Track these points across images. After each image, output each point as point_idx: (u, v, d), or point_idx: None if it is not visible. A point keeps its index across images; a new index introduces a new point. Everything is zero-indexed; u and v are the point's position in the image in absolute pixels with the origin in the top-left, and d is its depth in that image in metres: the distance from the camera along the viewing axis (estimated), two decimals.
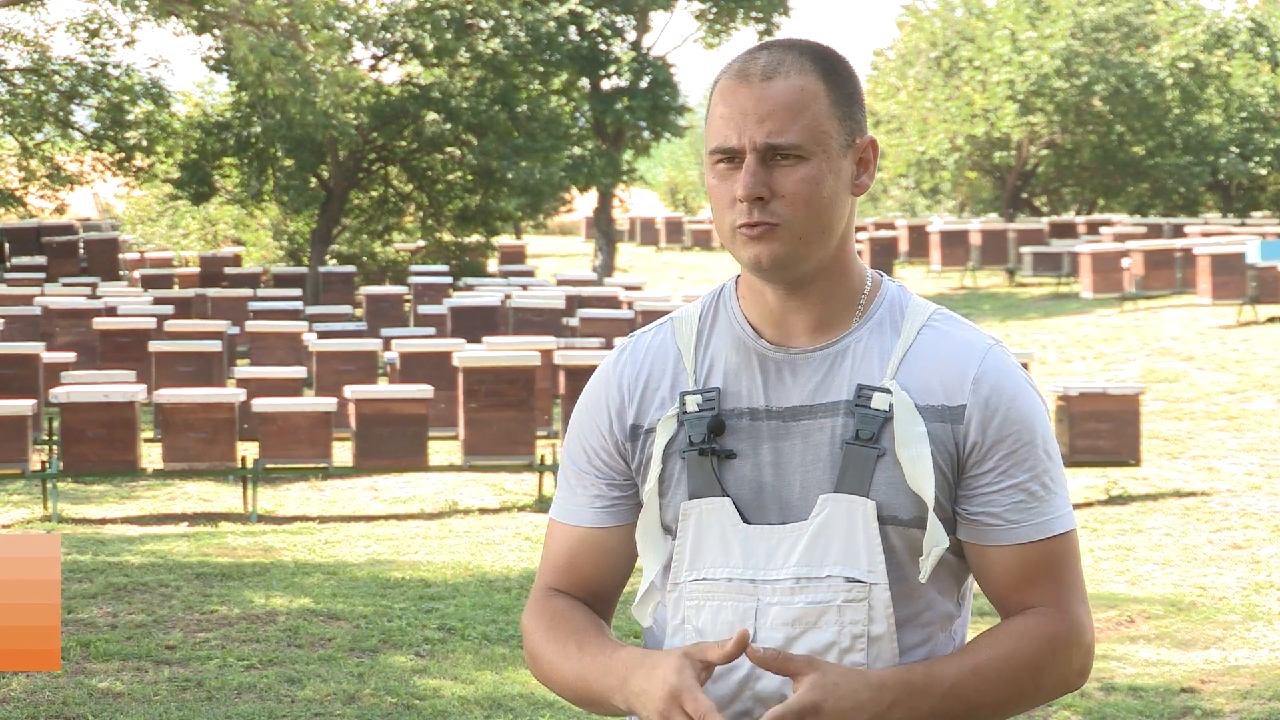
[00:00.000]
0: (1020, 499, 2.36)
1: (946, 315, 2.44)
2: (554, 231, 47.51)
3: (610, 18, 31.81)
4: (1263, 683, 7.67)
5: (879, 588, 2.34)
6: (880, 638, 2.34)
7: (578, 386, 12.92)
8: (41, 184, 26.65)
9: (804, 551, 2.35)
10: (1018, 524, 2.36)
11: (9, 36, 25.05)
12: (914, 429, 2.33)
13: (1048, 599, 2.38)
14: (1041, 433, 2.38)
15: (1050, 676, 2.38)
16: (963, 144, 36.57)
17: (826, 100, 2.34)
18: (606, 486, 2.48)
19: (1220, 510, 12.22)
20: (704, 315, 2.47)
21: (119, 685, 7.24)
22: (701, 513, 2.39)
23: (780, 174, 2.33)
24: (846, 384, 2.37)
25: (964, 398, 2.35)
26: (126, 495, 13.03)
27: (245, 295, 20.66)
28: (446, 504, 12.70)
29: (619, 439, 2.46)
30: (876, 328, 2.40)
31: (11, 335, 16.85)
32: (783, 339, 2.41)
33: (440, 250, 28.13)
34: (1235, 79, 37.39)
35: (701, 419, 2.39)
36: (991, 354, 2.38)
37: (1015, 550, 2.37)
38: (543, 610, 2.50)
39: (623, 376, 2.47)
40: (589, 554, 2.50)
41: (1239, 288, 21.92)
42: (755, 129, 2.32)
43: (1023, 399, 2.37)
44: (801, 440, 2.37)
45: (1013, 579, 2.38)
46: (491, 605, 8.96)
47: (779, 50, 2.37)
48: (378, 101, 26.15)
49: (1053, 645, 2.37)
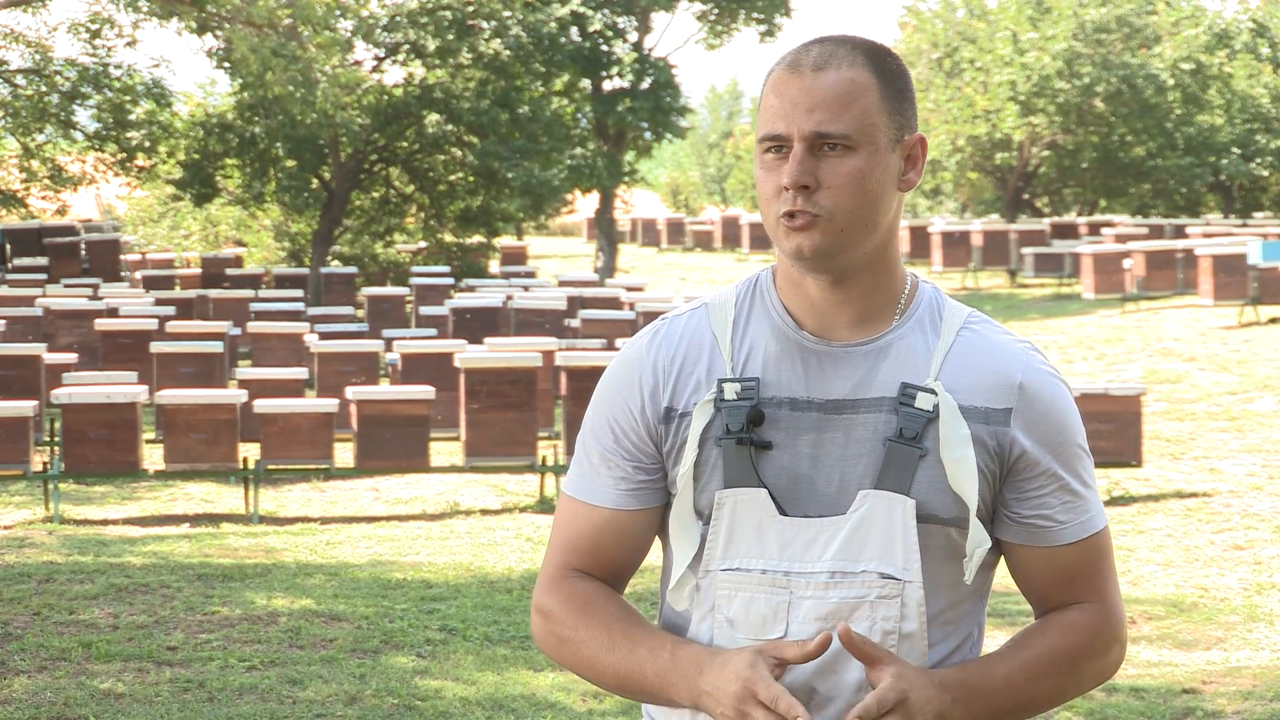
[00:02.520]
0: (1068, 499, 2.41)
1: (981, 318, 2.46)
2: (555, 233, 47.52)
3: (612, 19, 31.81)
4: (1264, 683, 7.67)
5: (913, 585, 2.35)
6: (911, 635, 2.36)
7: (579, 387, 12.92)
8: (43, 185, 26.65)
9: (841, 546, 2.35)
10: (1067, 524, 2.41)
11: (10, 37, 25.05)
12: (959, 431, 2.35)
13: (1089, 594, 2.44)
14: (1080, 431, 2.44)
15: (1093, 669, 2.44)
16: (964, 145, 36.56)
17: (877, 94, 2.35)
18: (633, 469, 2.45)
19: (1222, 511, 12.21)
20: (740, 302, 2.46)
21: (120, 686, 7.24)
22: (737, 502, 2.38)
23: (827, 165, 2.33)
24: (891, 381, 2.37)
25: (1009, 401, 2.38)
26: (128, 496, 13.03)
27: (247, 296, 20.66)
28: (448, 505, 12.70)
29: (651, 421, 2.44)
30: (918, 326, 2.41)
31: (13, 336, 16.85)
32: (824, 331, 2.40)
33: (442, 251, 28.14)
34: (1237, 80, 37.38)
35: (740, 408, 2.38)
36: (1032, 358, 2.42)
37: (1062, 550, 2.42)
38: (570, 593, 2.47)
39: (658, 358, 2.45)
40: (613, 536, 2.48)
41: (1240, 288, 21.91)
42: (804, 118, 2.32)
43: (1063, 401, 2.42)
44: (844, 434, 2.37)
45: (1059, 577, 2.43)
46: (493, 606, 8.96)
47: (832, 44, 2.37)
48: (379, 102, 26.15)
49: (1094, 640, 2.43)
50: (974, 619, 2.46)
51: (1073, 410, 2.43)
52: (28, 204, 27.05)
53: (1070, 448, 2.41)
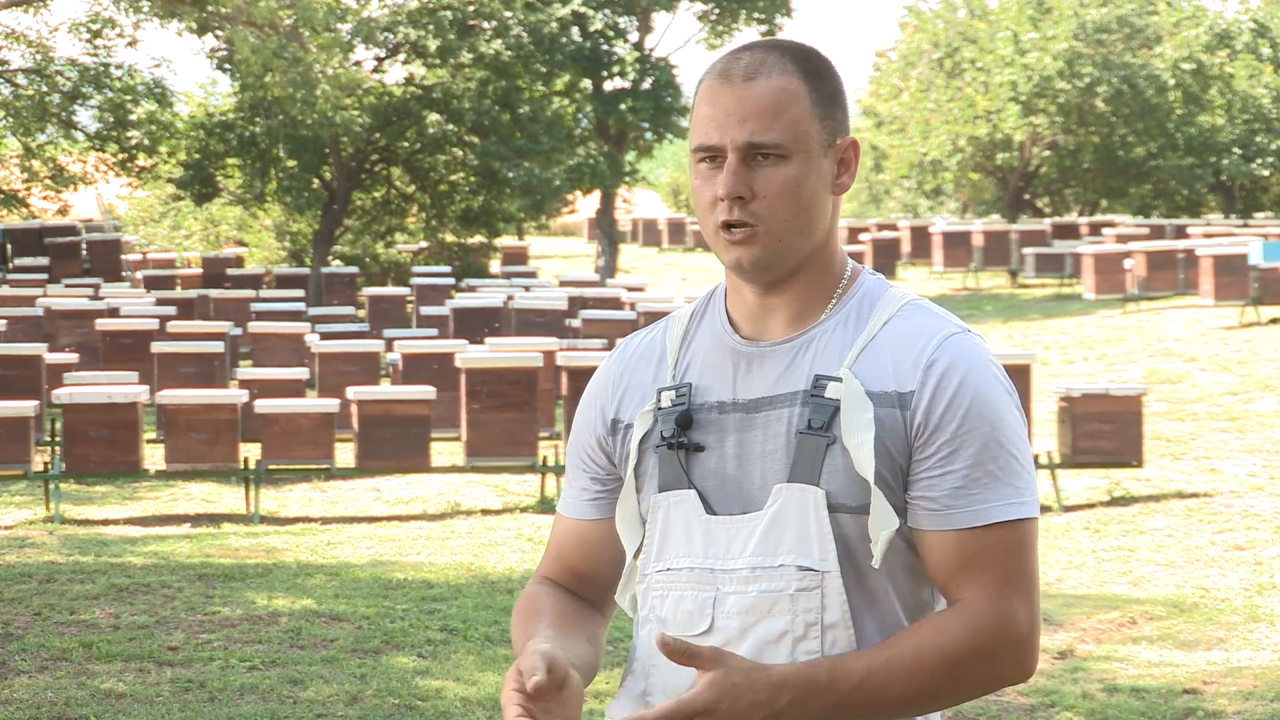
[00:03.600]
0: (959, 485, 2.33)
1: (918, 305, 2.43)
2: (556, 233, 47.51)
3: (613, 19, 31.80)
4: (1265, 684, 7.67)
5: (831, 576, 2.34)
6: (834, 625, 2.35)
7: (580, 387, 12.89)
8: (44, 185, 26.66)
9: (759, 541, 2.37)
10: (954, 510, 2.34)
11: (11, 37, 25.06)
12: (861, 415, 2.33)
13: (979, 590, 2.33)
14: (992, 419, 2.34)
15: (973, 672, 2.33)
16: (965, 145, 36.55)
17: (808, 100, 2.37)
18: (591, 480, 2.55)
19: (1223, 511, 12.22)
20: (694, 314, 2.53)
21: (121, 686, 7.25)
22: (669, 505, 2.43)
23: (761, 174, 2.35)
24: (806, 374, 2.39)
25: (914, 383, 2.35)
26: (129, 496, 13.04)
27: (248, 296, 20.66)
28: (449, 505, 12.70)
29: (602, 434, 2.53)
30: (844, 320, 2.42)
31: (14, 336, 16.85)
32: (758, 334, 2.44)
33: (442, 251, 28.14)
34: (1238, 80, 37.37)
35: (673, 414, 2.44)
36: (951, 340, 2.37)
37: (950, 536, 2.34)
38: (524, 597, 2.59)
39: (609, 374, 2.55)
40: (574, 545, 2.58)
41: (1241, 289, 21.91)
42: (737, 128, 2.35)
43: (975, 384, 2.34)
44: (762, 431, 2.39)
45: (949, 567, 2.35)
46: (494, 606, 8.96)
47: (761, 51, 2.39)
48: (380, 102, 26.16)
49: (976, 640, 2.31)
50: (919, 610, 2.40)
51: (990, 393, 2.34)
52: (29, 204, 27.06)
53: (973, 432, 2.32)
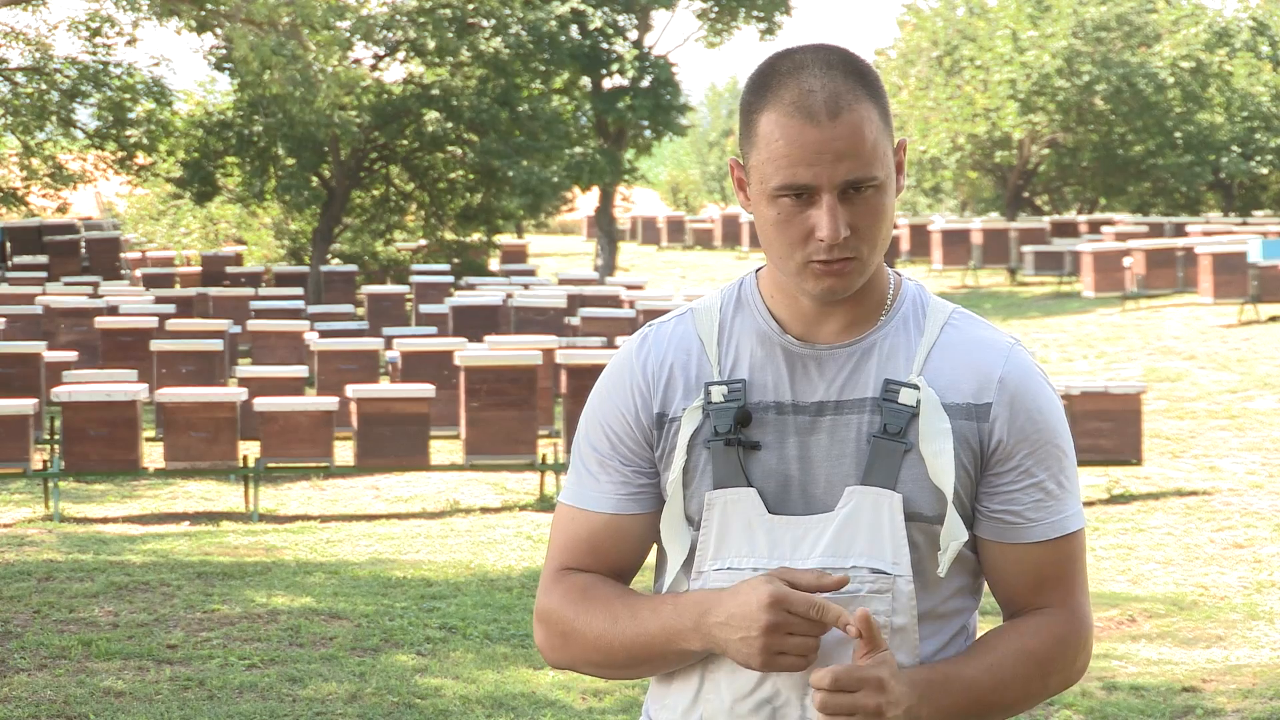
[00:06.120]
0: (1039, 498, 2.40)
1: (965, 314, 2.47)
2: (556, 230, 47.52)
3: (612, 17, 31.80)
4: (1264, 681, 7.66)
5: (903, 580, 2.36)
6: (903, 629, 2.36)
7: (579, 385, 12.92)
8: (43, 183, 26.65)
9: (830, 542, 2.36)
10: (1036, 522, 2.40)
11: (11, 36, 25.05)
12: (939, 425, 2.36)
13: (1057, 599, 2.43)
14: (1060, 432, 2.42)
15: (1058, 674, 2.43)
16: (964, 143, 36.56)
17: (879, 122, 2.34)
18: (632, 474, 2.45)
19: (1222, 509, 12.22)
20: (725, 308, 2.47)
21: (121, 684, 7.25)
22: (726, 503, 2.39)
23: (858, 207, 2.32)
24: (873, 380, 2.38)
25: (990, 396, 2.38)
26: (128, 494, 13.04)
27: (247, 294, 20.66)
28: (448, 503, 12.70)
29: (645, 425, 2.44)
30: (901, 325, 2.42)
31: (13, 334, 16.85)
32: (810, 335, 2.41)
33: (442, 249, 28.13)
34: (1237, 78, 37.38)
35: (728, 410, 2.39)
36: (1015, 353, 2.42)
37: (1031, 548, 2.41)
38: (568, 587, 2.47)
39: (647, 364, 2.45)
40: (612, 540, 2.47)
41: (1241, 287, 21.92)
42: (832, 168, 2.29)
43: (1044, 398, 2.41)
44: (828, 436, 2.38)
45: (1026, 577, 2.42)
46: (493, 604, 8.97)
47: (822, 73, 2.31)
48: (379, 100, 26.15)
49: (1063, 645, 2.42)
50: (965, 617, 2.46)
51: (1054, 409, 2.41)
52: (28, 202, 27.05)
53: (1047, 446, 2.40)
